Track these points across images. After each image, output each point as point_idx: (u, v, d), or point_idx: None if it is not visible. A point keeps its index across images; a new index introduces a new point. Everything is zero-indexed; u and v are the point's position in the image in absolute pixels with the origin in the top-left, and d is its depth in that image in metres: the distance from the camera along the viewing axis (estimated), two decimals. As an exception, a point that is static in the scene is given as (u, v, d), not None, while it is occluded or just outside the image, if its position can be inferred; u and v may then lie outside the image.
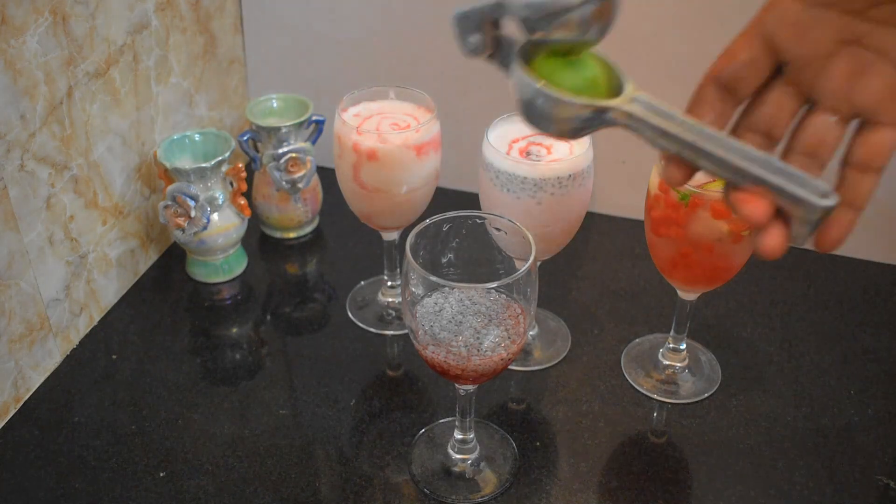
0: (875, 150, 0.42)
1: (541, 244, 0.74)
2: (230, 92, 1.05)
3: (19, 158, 0.71)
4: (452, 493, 0.70)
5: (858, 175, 0.43)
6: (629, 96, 0.45)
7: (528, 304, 0.60)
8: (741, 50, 0.44)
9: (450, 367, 0.60)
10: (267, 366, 0.82)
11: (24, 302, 0.74)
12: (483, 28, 0.47)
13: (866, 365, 0.82)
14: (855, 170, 0.43)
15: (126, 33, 0.82)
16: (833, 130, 0.43)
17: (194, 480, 0.70)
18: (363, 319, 0.87)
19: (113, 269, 0.87)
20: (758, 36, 0.44)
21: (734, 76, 0.44)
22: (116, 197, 0.85)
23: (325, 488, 0.70)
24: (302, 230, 1.00)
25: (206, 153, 0.89)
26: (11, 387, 0.75)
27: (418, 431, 0.75)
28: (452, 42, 0.48)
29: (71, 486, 0.69)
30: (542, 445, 0.74)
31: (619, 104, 0.44)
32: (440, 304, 0.61)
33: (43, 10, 0.70)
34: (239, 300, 0.91)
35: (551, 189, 0.70)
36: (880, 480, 0.71)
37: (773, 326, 0.87)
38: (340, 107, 0.77)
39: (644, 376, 0.81)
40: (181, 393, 0.78)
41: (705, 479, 0.71)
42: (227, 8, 1.01)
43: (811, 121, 0.44)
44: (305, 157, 0.93)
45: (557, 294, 0.91)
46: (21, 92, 0.70)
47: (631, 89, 0.45)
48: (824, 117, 0.43)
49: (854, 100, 0.42)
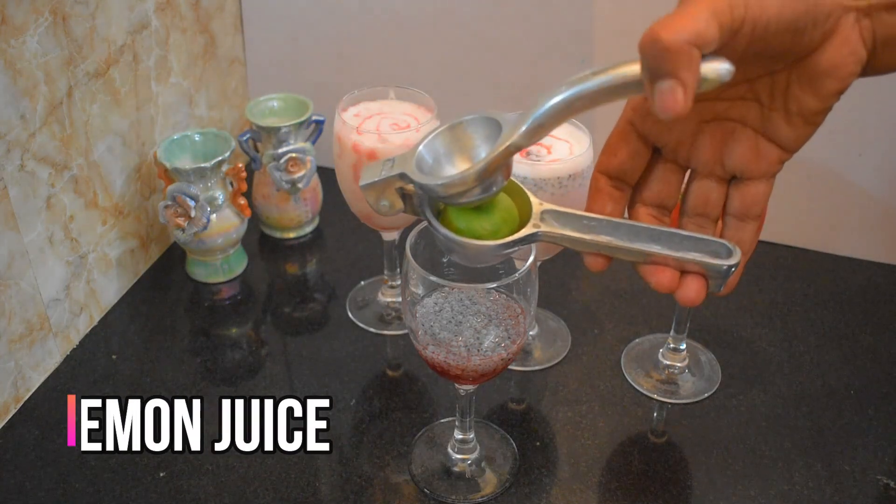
0: (750, 201, 0.47)
1: (541, 244, 0.74)
2: (230, 92, 1.05)
3: (19, 158, 0.71)
4: (452, 493, 0.70)
5: (741, 224, 0.48)
6: (536, 214, 0.49)
7: (528, 304, 0.60)
8: (619, 147, 0.48)
9: (450, 367, 0.60)
10: (267, 366, 0.82)
11: (24, 302, 0.74)
12: (389, 192, 0.50)
13: (866, 365, 0.82)
14: (736, 219, 0.48)
15: (126, 33, 0.82)
16: (714, 191, 0.48)
17: (194, 480, 0.70)
18: (363, 319, 0.87)
19: (113, 269, 0.87)
20: (631, 132, 0.48)
21: (620, 169, 0.49)
22: (116, 197, 0.85)
23: (325, 488, 0.70)
24: (302, 230, 1.00)
25: (206, 153, 0.89)
26: (11, 387, 0.75)
27: (418, 431, 0.75)
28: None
29: (71, 486, 0.69)
30: (542, 445, 0.74)
31: (531, 230, 0.48)
32: (440, 304, 0.61)
33: (43, 10, 0.70)
34: (239, 300, 0.91)
35: (551, 189, 0.70)
36: (880, 480, 0.71)
37: (773, 326, 0.87)
38: (340, 107, 0.77)
39: (644, 376, 0.81)
40: (181, 393, 0.78)
41: (705, 479, 0.71)
42: (227, 8, 1.01)
43: (694, 186, 0.49)
44: (305, 157, 0.93)
45: (557, 294, 0.91)
46: (21, 92, 0.70)
47: (536, 206, 0.49)
48: (705, 182, 0.48)
49: (725, 164, 0.47)
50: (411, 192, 0.49)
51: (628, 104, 0.48)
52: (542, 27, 0.93)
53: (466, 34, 0.95)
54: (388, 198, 0.50)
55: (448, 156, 0.49)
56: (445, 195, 0.47)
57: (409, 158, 0.48)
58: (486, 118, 0.47)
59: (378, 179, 0.49)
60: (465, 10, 0.94)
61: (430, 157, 0.49)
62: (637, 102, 0.48)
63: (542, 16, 0.92)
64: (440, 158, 0.49)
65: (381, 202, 0.50)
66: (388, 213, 0.51)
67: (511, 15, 0.93)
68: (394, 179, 0.49)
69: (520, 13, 0.93)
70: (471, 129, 0.48)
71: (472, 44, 0.96)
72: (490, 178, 0.46)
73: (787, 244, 0.98)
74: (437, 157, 0.49)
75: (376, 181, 0.49)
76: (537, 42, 0.94)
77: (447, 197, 0.47)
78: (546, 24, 0.92)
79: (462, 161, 0.48)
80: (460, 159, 0.49)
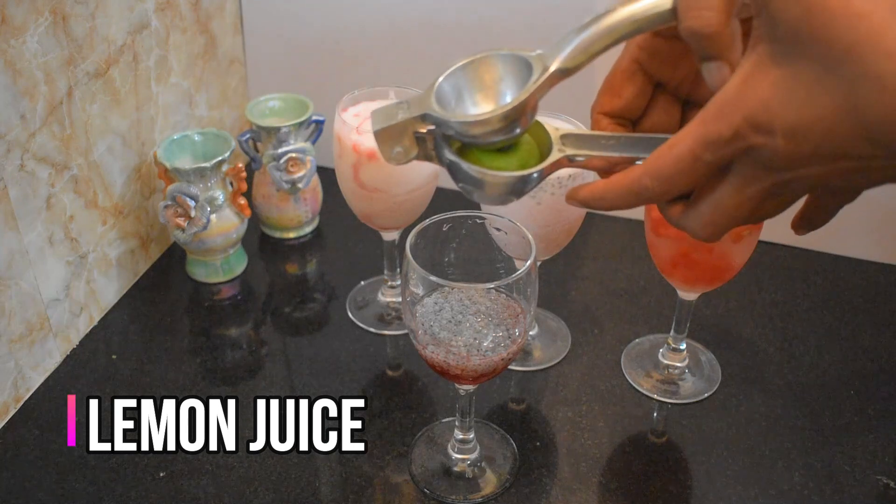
0: None
1: (541, 244, 0.74)
2: (230, 92, 1.05)
3: (19, 158, 0.71)
4: (452, 493, 0.70)
5: None
6: (557, 140, 0.47)
7: (528, 304, 0.60)
8: (624, 87, 0.48)
9: (449, 367, 0.60)
10: (267, 366, 0.82)
11: (24, 302, 0.74)
12: (405, 138, 0.47)
13: (866, 365, 0.82)
14: None
15: (126, 33, 0.82)
16: None
17: (194, 480, 0.70)
18: (363, 319, 0.87)
19: (113, 269, 0.87)
20: (637, 71, 0.47)
21: (625, 108, 0.48)
22: (116, 197, 0.85)
23: (325, 488, 0.70)
24: (302, 230, 1.00)
25: (206, 153, 0.89)
26: (11, 387, 0.75)
27: (418, 431, 0.75)
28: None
29: (71, 486, 0.69)
30: (542, 445, 0.74)
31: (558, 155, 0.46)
32: (440, 303, 0.61)
33: (43, 10, 0.70)
34: (239, 300, 0.91)
35: (551, 189, 0.70)
36: (880, 480, 0.71)
37: (773, 326, 0.87)
38: (340, 107, 0.77)
39: (644, 376, 0.81)
40: (181, 393, 0.78)
41: (705, 479, 0.71)
42: (227, 8, 1.01)
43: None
44: (305, 157, 0.93)
45: (557, 294, 0.91)
46: (21, 92, 0.70)
47: (553, 133, 0.47)
48: None
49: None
50: (426, 136, 0.46)
51: (633, 43, 0.47)
52: (542, 28, 0.93)
53: (466, 34, 0.95)
54: (404, 143, 0.46)
55: (470, 93, 0.46)
56: (477, 133, 0.44)
57: (427, 99, 0.46)
58: (505, 55, 0.46)
59: (395, 123, 0.46)
60: (464, 11, 0.94)
61: (452, 96, 0.46)
62: (644, 41, 0.47)
63: (543, 17, 0.92)
64: (463, 96, 0.46)
65: (395, 149, 0.47)
66: (401, 160, 0.47)
67: (511, 15, 0.93)
68: (414, 122, 0.45)
69: (520, 14, 0.93)
70: (491, 65, 0.46)
71: (472, 44, 0.96)
72: (525, 113, 0.44)
73: (787, 244, 0.98)
74: (459, 95, 0.46)
75: (393, 124, 0.46)
76: (537, 43, 0.94)
77: (476, 136, 0.44)
78: (546, 25, 0.92)
79: (484, 99, 0.46)
80: (482, 97, 0.46)
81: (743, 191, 0.40)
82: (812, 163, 0.37)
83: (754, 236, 0.69)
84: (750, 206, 0.40)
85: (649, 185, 0.41)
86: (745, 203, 0.40)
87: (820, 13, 0.34)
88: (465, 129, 0.44)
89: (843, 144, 0.35)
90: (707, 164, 0.39)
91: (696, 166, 0.39)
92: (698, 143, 0.39)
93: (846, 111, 0.34)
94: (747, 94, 0.37)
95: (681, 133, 0.39)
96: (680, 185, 0.41)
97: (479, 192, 0.47)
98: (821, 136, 0.35)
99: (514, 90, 0.45)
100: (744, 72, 0.37)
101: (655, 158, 0.41)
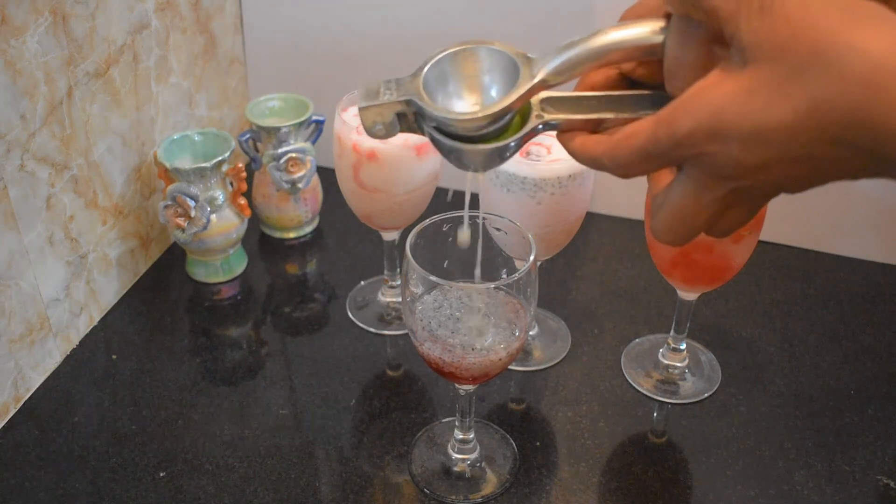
0: None
1: (541, 244, 0.74)
2: (230, 92, 1.05)
3: (19, 158, 0.71)
4: (452, 493, 0.70)
5: None
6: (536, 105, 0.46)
7: (528, 304, 0.60)
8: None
9: (445, 364, 0.60)
10: (267, 366, 0.82)
11: (24, 302, 0.74)
12: (387, 116, 0.47)
13: (866, 365, 0.82)
14: None
15: (126, 33, 0.82)
16: None
17: (194, 480, 0.70)
18: (363, 319, 0.87)
19: (113, 269, 0.87)
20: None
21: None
22: (116, 197, 0.85)
23: (325, 488, 0.70)
24: (302, 230, 1.00)
25: (206, 153, 0.89)
26: (11, 387, 0.75)
27: (418, 431, 0.75)
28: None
29: (71, 486, 0.69)
30: (542, 445, 0.74)
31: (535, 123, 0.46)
32: (440, 303, 0.61)
33: (43, 10, 0.70)
34: (239, 300, 0.91)
35: (551, 189, 0.70)
36: (880, 480, 0.71)
37: (773, 326, 0.87)
38: (340, 107, 0.77)
39: (644, 376, 0.81)
40: (181, 393, 0.78)
41: (705, 479, 0.71)
42: (227, 8, 1.01)
43: None
44: (305, 157, 0.93)
45: (557, 294, 0.91)
46: (21, 92, 0.70)
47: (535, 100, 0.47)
48: None
49: None
50: (408, 112, 0.47)
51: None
52: (542, 29, 0.93)
53: (466, 35, 0.95)
54: (385, 121, 0.47)
55: (455, 82, 0.47)
56: (459, 129, 0.45)
57: (413, 84, 0.46)
58: (494, 50, 0.46)
59: (380, 103, 0.46)
60: (464, 11, 0.94)
61: (437, 83, 0.47)
62: None
63: (543, 17, 0.92)
64: (448, 85, 0.47)
65: (377, 126, 0.47)
66: (381, 136, 0.48)
67: (511, 16, 0.93)
68: (398, 105, 0.46)
69: (520, 14, 0.93)
70: (479, 57, 0.47)
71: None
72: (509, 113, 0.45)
73: (787, 244, 0.98)
74: (444, 82, 0.47)
75: (378, 104, 0.46)
76: (538, 44, 0.94)
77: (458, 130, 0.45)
78: (547, 26, 0.92)
79: (468, 92, 0.47)
80: (467, 87, 0.47)
81: (699, 199, 0.40)
82: (772, 168, 0.37)
83: (754, 236, 0.69)
84: (708, 215, 0.41)
85: (608, 165, 0.43)
86: (702, 212, 0.41)
87: (783, 23, 0.35)
88: (448, 125, 0.45)
89: (806, 147, 0.36)
90: (659, 161, 0.40)
91: (649, 160, 0.40)
92: (650, 141, 0.39)
93: (807, 114, 0.34)
94: (703, 101, 0.37)
95: (639, 124, 0.40)
96: (636, 173, 0.42)
97: (458, 162, 0.48)
98: (782, 141, 0.36)
99: (499, 86, 0.46)
100: (704, 80, 0.38)
101: (615, 145, 0.42)
